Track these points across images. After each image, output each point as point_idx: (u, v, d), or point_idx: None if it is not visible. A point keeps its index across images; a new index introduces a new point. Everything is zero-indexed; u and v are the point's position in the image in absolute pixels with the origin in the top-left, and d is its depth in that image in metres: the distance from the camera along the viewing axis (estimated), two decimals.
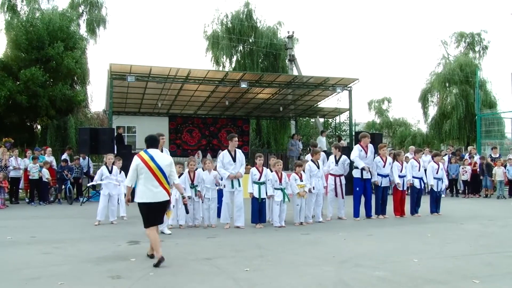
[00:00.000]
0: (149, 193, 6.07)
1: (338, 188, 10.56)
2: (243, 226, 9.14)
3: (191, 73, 16.83)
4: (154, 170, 6.10)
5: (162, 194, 6.13)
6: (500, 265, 5.93)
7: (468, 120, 28.56)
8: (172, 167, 6.46)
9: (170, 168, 6.37)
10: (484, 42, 32.57)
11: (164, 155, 6.57)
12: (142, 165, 6.13)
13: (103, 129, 16.09)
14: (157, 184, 6.10)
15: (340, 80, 18.25)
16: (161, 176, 6.13)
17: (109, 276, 5.36)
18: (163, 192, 6.14)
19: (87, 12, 27.68)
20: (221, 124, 25.09)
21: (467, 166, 16.51)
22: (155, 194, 6.08)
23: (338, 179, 10.60)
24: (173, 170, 6.47)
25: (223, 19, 29.88)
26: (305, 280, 5.22)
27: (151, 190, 6.08)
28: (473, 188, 16.68)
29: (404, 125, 40.39)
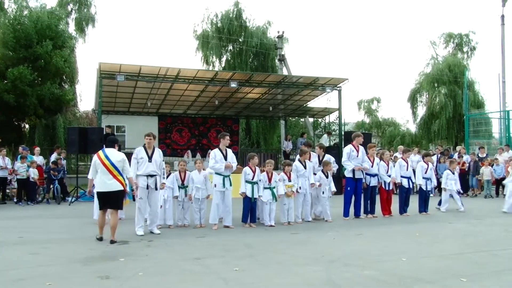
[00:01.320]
0: (103, 184, 7.46)
1: None
2: (232, 225, 9.14)
3: (180, 73, 16.79)
4: (108, 165, 7.45)
5: (115, 185, 7.45)
6: (487, 264, 5.98)
7: (457, 120, 28.79)
8: (125, 163, 7.66)
9: (123, 163, 7.62)
10: (472, 43, 32.89)
11: (117, 153, 7.78)
12: (98, 162, 7.53)
13: (92, 129, 16.00)
14: (110, 177, 7.44)
15: (330, 80, 18.32)
16: (114, 170, 7.46)
17: (98, 276, 5.33)
18: (116, 183, 7.46)
19: (76, 11, 27.56)
20: (210, 123, 25.07)
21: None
22: (108, 185, 7.44)
23: None
24: (125, 165, 7.68)
25: (213, 19, 29.90)
26: (295, 279, 5.22)
27: (105, 182, 7.44)
28: (461, 187, 16.82)
29: (393, 125, 40.56)
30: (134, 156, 8.48)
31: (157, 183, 8.52)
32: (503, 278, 5.26)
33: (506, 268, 5.77)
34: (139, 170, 8.40)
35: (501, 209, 11.50)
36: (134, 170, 8.36)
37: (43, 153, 16.84)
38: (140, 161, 8.42)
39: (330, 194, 10.19)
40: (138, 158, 8.44)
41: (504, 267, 5.80)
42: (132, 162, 8.41)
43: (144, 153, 8.48)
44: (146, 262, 6.10)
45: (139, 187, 8.38)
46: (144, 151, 8.50)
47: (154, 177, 8.46)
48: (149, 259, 6.30)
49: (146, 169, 8.39)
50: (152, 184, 8.44)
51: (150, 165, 8.42)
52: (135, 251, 6.87)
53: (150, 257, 6.43)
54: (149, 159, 8.43)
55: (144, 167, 8.40)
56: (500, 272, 5.56)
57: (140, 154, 8.47)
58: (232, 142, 23.98)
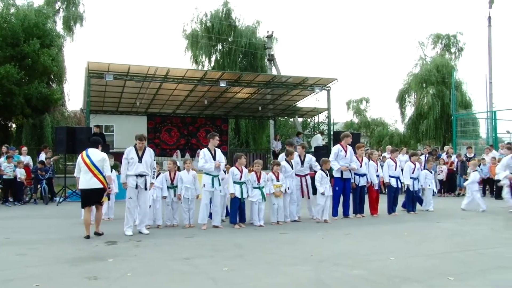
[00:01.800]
0: (85, 182, 7.99)
1: (304, 188, 10.43)
2: (221, 225, 9.13)
3: (170, 72, 16.76)
4: (89, 164, 7.97)
5: (94, 183, 7.96)
6: (473, 263, 6.05)
7: (444, 120, 29.00)
8: (104, 162, 8.11)
9: (102, 163, 8.08)
10: (460, 44, 33.15)
11: (98, 153, 8.19)
12: (81, 161, 8.08)
13: (80, 128, 15.89)
14: (91, 175, 7.95)
15: (319, 80, 18.38)
16: (94, 169, 7.96)
17: (86, 277, 5.29)
18: (96, 181, 7.96)
19: (63, 9, 27.33)
20: (199, 123, 25.02)
21: (443, 166, 16.85)
22: (89, 183, 7.96)
23: (303, 179, 10.48)
24: (105, 164, 8.11)
25: (203, 18, 29.82)
26: (284, 279, 5.23)
27: (86, 180, 7.97)
28: (448, 187, 17.02)
29: (382, 125, 40.77)
30: (125, 157, 8.52)
31: (147, 183, 8.51)
32: (488, 277, 5.32)
33: (491, 266, 5.83)
34: (129, 170, 8.43)
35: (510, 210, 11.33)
36: (125, 170, 8.43)
37: (30, 153, 16.67)
38: (131, 161, 8.46)
39: (330, 193, 10.01)
40: (128, 158, 8.48)
41: (490, 266, 5.86)
42: (122, 162, 8.54)
43: (135, 154, 8.47)
44: (134, 262, 6.08)
45: (129, 186, 8.38)
46: (135, 151, 8.50)
47: (144, 177, 8.46)
48: (138, 259, 6.28)
49: (136, 169, 8.40)
50: (142, 184, 8.44)
51: (140, 165, 8.43)
52: (124, 251, 6.84)
53: (139, 257, 6.41)
54: (139, 160, 8.43)
55: (134, 167, 8.41)
56: (486, 270, 5.63)
57: (130, 155, 8.49)
58: (221, 142, 23.86)
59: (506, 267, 5.80)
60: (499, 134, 22.91)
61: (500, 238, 7.87)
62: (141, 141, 8.60)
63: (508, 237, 7.95)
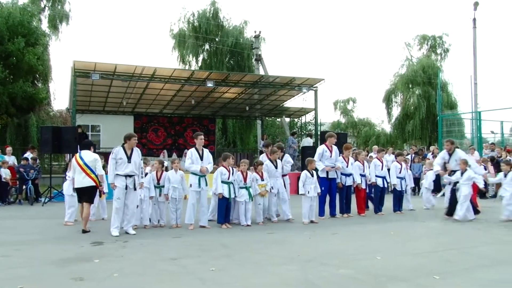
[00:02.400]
0: (79, 181, 8.62)
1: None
2: (208, 225, 9.12)
3: (156, 72, 16.68)
4: (82, 165, 8.61)
5: (87, 181, 8.57)
6: (458, 261, 6.12)
7: (430, 121, 29.27)
8: (96, 162, 8.72)
9: (94, 163, 8.68)
10: (446, 45, 33.51)
11: (90, 154, 8.83)
12: (75, 163, 8.72)
13: (66, 128, 15.74)
14: (84, 175, 8.58)
15: (306, 80, 18.43)
16: (87, 169, 8.59)
17: (72, 278, 5.25)
18: (89, 180, 8.58)
19: (49, 7, 27.05)
20: (187, 123, 24.96)
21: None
22: (82, 182, 8.59)
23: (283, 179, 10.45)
24: (97, 164, 8.71)
25: (190, 18, 29.74)
26: (271, 279, 5.25)
27: (80, 179, 8.61)
28: (435, 186, 17.12)
29: (369, 125, 41.05)
30: (113, 157, 8.40)
31: (136, 183, 8.47)
32: (472, 275, 5.39)
33: (476, 265, 5.91)
34: (118, 170, 8.34)
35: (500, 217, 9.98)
36: (113, 170, 8.33)
37: (15, 153, 16.50)
38: (119, 162, 8.37)
39: (315, 194, 9.90)
40: (117, 159, 8.38)
41: (474, 264, 5.94)
42: (110, 162, 8.40)
43: (123, 154, 8.41)
44: (121, 263, 6.04)
45: (117, 187, 8.31)
46: (123, 151, 8.43)
47: (133, 177, 8.42)
48: (125, 259, 6.25)
49: (125, 169, 8.35)
50: (131, 184, 8.40)
51: (129, 165, 8.38)
52: (110, 252, 6.80)
53: (126, 257, 6.38)
54: (128, 160, 8.38)
55: (123, 167, 8.35)
56: (470, 269, 5.70)
57: (119, 155, 8.40)
58: (208, 142, 23.95)
59: (489, 266, 5.89)
60: (484, 134, 23.15)
61: (483, 237, 7.97)
62: (135, 137, 8.71)
63: (491, 236, 8.05)
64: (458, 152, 10.66)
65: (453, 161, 10.46)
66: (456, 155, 10.50)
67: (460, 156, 10.49)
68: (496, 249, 6.99)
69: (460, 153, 10.67)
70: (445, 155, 10.72)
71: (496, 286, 5.02)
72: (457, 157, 10.45)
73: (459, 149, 11.25)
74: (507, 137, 25.49)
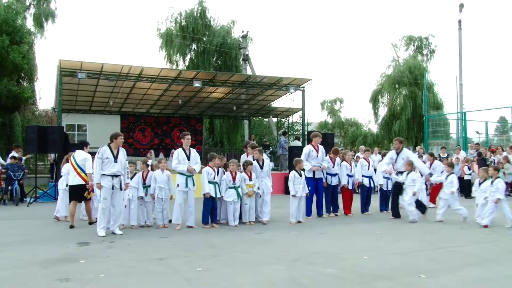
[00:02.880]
0: (71, 179, 9.33)
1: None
2: (195, 225, 9.09)
3: (144, 71, 16.59)
4: (73, 164, 9.32)
5: (77, 180, 9.22)
6: (444, 260, 6.17)
7: (416, 121, 29.52)
8: (86, 161, 9.23)
9: (84, 162, 9.24)
10: (432, 46, 33.83)
11: (81, 154, 9.38)
12: (69, 163, 9.55)
13: (51, 128, 15.58)
14: (75, 173, 9.26)
15: (293, 80, 18.45)
16: (77, 168, 9.26)
17: (57, 279, 5.20)
18: (78, 178, 9.23)
19: (34, 5, 26.77)
20: (174, 123, 24.89)
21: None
22: (73, 180, 9.27)
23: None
24: (86, 163, 9.21)
25: (177, 17, 29.67)
26: (258, 279, 5.25)
27: (72, 177, 9.33)
28: None
29: (356, 125, 41.22)
30: (99, 156, 8.31)
31: (122, 183, 8.42)
32: (458, 274, 5.44)
33: (461, 263, 5.97)
34: (104, 170, 8.26)
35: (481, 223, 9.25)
36: (99, 169, 8.24)
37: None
38: (106, 161, 8.28)
39: (303, 194, 9.88)
40: (103, 158, 8.29)
41: (460, 263, 6.00)
42: (96, 162, 8.30)
43: (110, 153, 8.34)
44: (107, 263, 6.00)
45: (104, 187, 8.23)
46: (110, 150, 8.37)
47: (119, 177, 8.36)
48: (111, 260, 6.21)
49: (112, 169, 8.28)
50: (117, 184, 8.34)
51: (116, 165, 8.32)
52: (97, 252, 6.75)
53: (112, 258, 6.34)
54: (114, 159, 8.32)
55: (109, 167, 8.28)
56: (456, 267, 5.76)
57: (105, 154, 8.32)
58: (195, 142, 23.89)
59: (475, 264, 5.95)
60: (469, 134, 23.44)
61: (469, 236, 8.05)
62: (122, 136, 8.65)
63: (476, 235, 8.14)
64: (406, 152, 10.51)
65: (400, 160, 10.29)
66: (403, 154, 10.34)
67: (407, 155, 10.36)
68: (482, 248, 7.06)
69: (408, 153, 10.54)
70: (393, 155, 10.54)
71: (481, 283, 5.07)
72: (404, 156, 10.29)
73: (407, 148, 11.09)
74: (491, 137, 25.83)
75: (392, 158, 10.51)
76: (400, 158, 10.33)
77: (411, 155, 10.56)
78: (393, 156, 10.51)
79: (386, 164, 10.63)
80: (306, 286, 4.95)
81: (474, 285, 5.02)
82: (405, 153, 10.42)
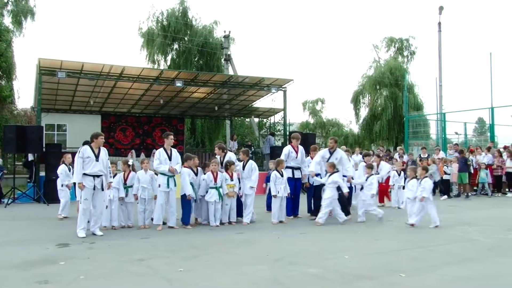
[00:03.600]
0: None
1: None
2: (176, 226, 9.05)
3: (125, 71, 16.46)
4: None
5: None
6: (424, 259, 6.24)
7: (397, 122, 29.80)
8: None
9: None
10: (412, 48, 34.20)
11: None
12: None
13: (31, 127, 15.35)
14: None
15: (275, 81, 18.50)
16: None
17: (36, 281, 5.12)
18: None
19: (12, 2, 26.28)
20: (155, 123, 24.75)
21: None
22: None
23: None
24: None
25: (159, 16, 29.50)
26: (240, 279, 5.24)
27: None
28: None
29: (337, 126, 41.48)
30: (80, 155, 8.17)
31: (103, 183, 8.33)
32: (438, 272, 5.50)
33: (440, 262, 6.04)
34: (86, 169, 8.14)
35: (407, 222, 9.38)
36: (80, 169, 8.11)
37: None
38: (87, 160, 8.16)
39: (285, 194, 9.87)
40: (84, 157, 8.16)
41: (439, 262, 6.06)
42: (77, 161, 8.16)
43: (91, 152, 8.23)
44: (88, 265, 5.93)
45: (85, 187, 8.12)
46: (91, 150, 8.26)
47: (101, 177, 8.27)
48: (91, 261, 6.13)
49: (93, 168, 8.17)
50: (99, 184, 8.24)
51: (97, 164, 8.21)
52: (76, 253, 6.66)
53: (92, 259, 6.26)
54: (96, 158, 8.21)
55: (91, 166, 8.16)
56: (436, 266, 5.82)
57: (86, 153, 8.19)
58: (177, 142, 23.74)
59: (454, 263, 6.02)
60: (448, 135, 23.79)
61: (449, 235, 8.14)
62: (102, 136, 8.53)
63: (455, 234, 8.23)
64: (339, 152, 10.44)
65: (333, 159, 10.16)
66: (337, 154, 10.28)
67: (341, 155, 10.31)
68: (461, 247, 7.15)
69: (341, 153, 10.47)
70: (326, 153, 10.43)
71: (460, 282, 5.14)
72: (338, 156, 10.24)
73: (340, 149, 10.95)
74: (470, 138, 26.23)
75: (325, 157, 10.37)
76: (333, 158, 10.24)
77: (344, 156, 10.46)
78: (326, 155, 10.40)
79: (316, 163, 10.37)
80: (288, 286, 4.95)
81: (454, 283, 5.07)
82: (339, 153, 10.38)
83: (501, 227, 9.10)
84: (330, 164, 9.89)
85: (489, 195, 15.83)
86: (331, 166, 9.82)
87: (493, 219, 10.35)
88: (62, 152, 13.20)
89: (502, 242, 7.59)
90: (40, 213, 11.76)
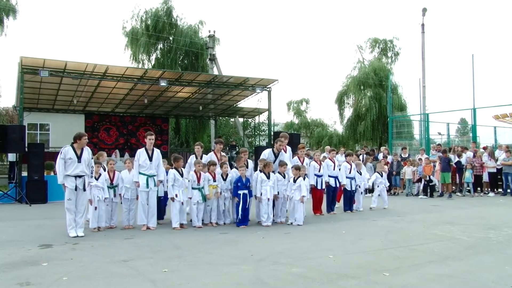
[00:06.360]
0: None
1: None
2: (155, 227, 9.03)
3: (109, 70, 16.32)
4: None
5: None
6: (407, 258, 6.30)
7: (381, 122, 30.00)
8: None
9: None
10: (396, 49, 34.44)
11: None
12: None
13: (12, 127, 15.13)
14: None
15: (260, 81, 18.51)
16: None
17: (17, 283, 5.05)
18: None
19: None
20: (139, 122, 24.62)
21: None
22: None
23: None
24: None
25: (143, 16, 29.26)
26: (223, 279, 5.24)
27: None
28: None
29: (321, 126, 41.60)
30: (62, 157, 8.11)
31: (85, 184, 8.26)
32: (420, 271, 5.56)
33: (423, 261, 6.10)
34: (68, 170, 8.09)
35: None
36: (62, 170, 8.06)
37: None
38: (69, 162, 8.10)
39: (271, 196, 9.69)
40: (66, 158, 8.11)
41: (422, 261, 6.13)
42: (59, 162, 8.11)
43: (73, 153, 8.16)
44: (70, 266, 5.88)
45: (67, 188, 8.07)
46: (72, 150, 8.19)
47: (82, 177, 8.20)
48: (74, 262, 6.08)
49: (75, 169, 8.11)
50: (80, 185, 8.18)
51: (79, 165, 8.16)
52: (59, 255, 6.60)
53: (75, 260, 6.21)
54: (78, 160, 8.15)
55: (73, 167, 8.11)
56: (419, 265, 5.88)
57: (68, 155, 8.13)
58: (161, 142, 23.70)
59: (436, 261, 6.08)
60: (431, 135, 24.04)
61: (431, 235, 8.23)
62: (85, 137, 8.42)
63: (438, 233, 8.32)
64: (284, 155, 10.29)
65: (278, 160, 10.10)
66: (282, 156, 10.18)
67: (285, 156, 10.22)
68: (443, 246, 7.23)
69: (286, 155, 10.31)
70: (270, 155, 10.26)
71: (442, 280, 5.19)
72: (282, 158, 10.14)
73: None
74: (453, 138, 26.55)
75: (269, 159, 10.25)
76: (278, 160, 10.14)
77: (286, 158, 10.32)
78: (271, 157, 10.26)
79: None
80: (272, 286, 4.96)
81: (436, 281, 5.13)
82: (283, 155, 10.24)
83: (482, 226, 9.22)
84: (296, 166, 9.94)
85: (472, 194, 16.01)
86: (296, 169, 9.84)
87: (474, 218, 10.49)
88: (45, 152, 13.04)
89: (483, 240, 7.69)
90: (22, 214, 11.61)
